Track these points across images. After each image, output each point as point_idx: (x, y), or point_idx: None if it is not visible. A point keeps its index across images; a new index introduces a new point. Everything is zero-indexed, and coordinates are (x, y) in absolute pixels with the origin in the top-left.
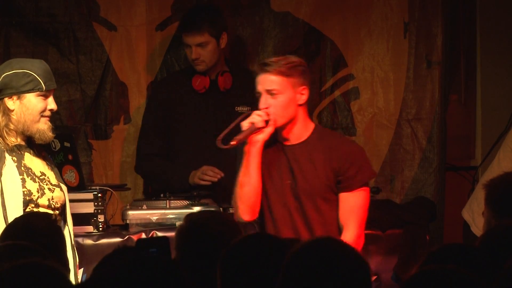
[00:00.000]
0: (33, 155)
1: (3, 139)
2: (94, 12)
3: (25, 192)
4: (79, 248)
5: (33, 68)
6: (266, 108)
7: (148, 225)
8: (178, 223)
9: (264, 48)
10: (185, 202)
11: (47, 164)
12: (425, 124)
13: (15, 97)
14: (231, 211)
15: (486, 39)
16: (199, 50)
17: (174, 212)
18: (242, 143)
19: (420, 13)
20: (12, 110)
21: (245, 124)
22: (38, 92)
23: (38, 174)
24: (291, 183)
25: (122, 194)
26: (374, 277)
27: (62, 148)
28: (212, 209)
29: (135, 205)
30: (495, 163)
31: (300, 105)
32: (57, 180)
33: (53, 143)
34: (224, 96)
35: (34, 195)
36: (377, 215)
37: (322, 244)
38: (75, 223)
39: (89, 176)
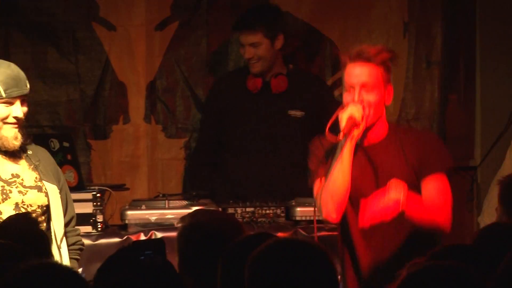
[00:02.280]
0: (6, 157)
1: None
2: (93, 12)
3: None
4: None
5: None
6: (361, 102)
7: (147, 225)
8: (177, 224)
9: None
10: (184, 202)
11: (28, 164)
12: (424, 124)
13: None
14: (230, 211)
15: (485, 39)
16: (252, 50)
17: (173, 212)
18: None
19: (420, 13)
20: None
21: (344, 117)
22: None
23: (7, 177)
24: (375, 184)
25: (121, 194)
26: None
27: (61, 148)
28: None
29: (134, 205)
30: (507, 160)
31: (386, 104)
32: (37, 181)
33: (52, 143)
34: (276, 98)
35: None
36: None
37: (285, 245)
38: None
39: (88, 176)
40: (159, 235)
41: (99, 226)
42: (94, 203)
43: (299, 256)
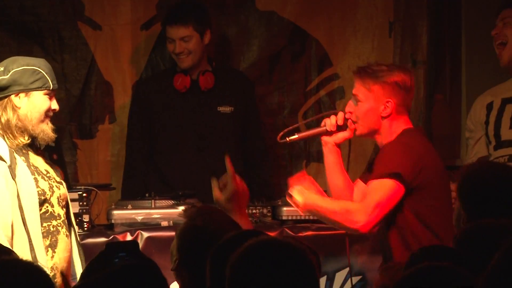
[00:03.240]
0: (35, 154)
1: (13, 139)
2: (78, 11)
3: (40, 192)
4: None
5: (41, 66)
6: (350, 112)
7: (133, 225)
8: (163, 223)
9: (249, 47)
10: (170, 202)
11: (46, 162)
12: None
13: (22, 95)
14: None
15: (471, 39)
16: (183, 44)
17: (159, 212)
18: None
19: (405, 13)
20: (19, 108)
21: (322, 123)
22: (45, 91)
23: (44, 172)
24: None
25: (107, 193)
26: (359, 277)
27: (47, 148)
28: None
29: (120, 205)
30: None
31: (384, 117)
32: (59, 177)
33: (38, 142)
34: (205, 96)
35: (48, 194)
36: None
37: (265, 245)
38: None
39: (74, 176)
40: (145, 234)
41: (85, 226)
42: (80, 203)
43: (278, 256)
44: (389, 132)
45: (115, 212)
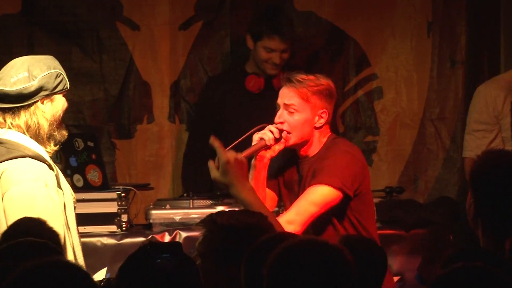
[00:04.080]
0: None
1: (44, 147)
2: (117, 12)
3: (74, 201)
4: (102, 248)
5: (59, 67)
6: (281, 122)
7: (171, 225)
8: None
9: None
10: (208, 202)
11: None
12: (448, 124)
13: (46, 100)
14: None
15: (509, 39)
16: (283, 56)
17: (197, 211)
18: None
19: (444, 13)
20: (44, 113)
21: (255, 138)
22: (64, 92)
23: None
24: (296, 196)
25: (146, 193)
26: (397, 278)
27: (86, 148)
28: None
29: (159, 205)
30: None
31: (317, 128)
32: None
33: (76, 142)
34: (273, 96)
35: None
36: (400, 215)
37: (306, 245)
38: (98, 223)
39: (113, 176)
40: (183, 234)
41: (123, 225)
42: (119, 203)
43: (316, 256)
44: (317, 142)
45: (154, 212)
